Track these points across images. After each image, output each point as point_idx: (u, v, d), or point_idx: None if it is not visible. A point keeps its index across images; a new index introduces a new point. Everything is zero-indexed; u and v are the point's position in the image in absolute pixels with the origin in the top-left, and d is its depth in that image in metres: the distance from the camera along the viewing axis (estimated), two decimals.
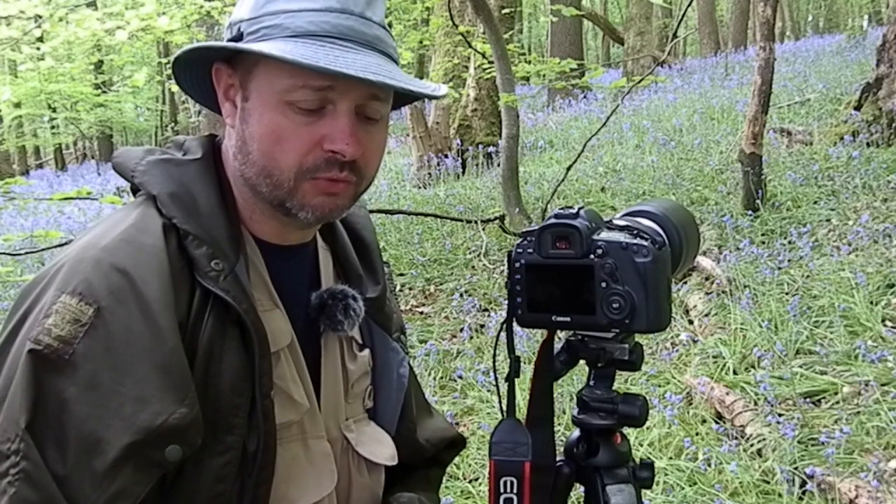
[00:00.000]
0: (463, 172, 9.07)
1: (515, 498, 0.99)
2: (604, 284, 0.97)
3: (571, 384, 3.42)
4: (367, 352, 1.14)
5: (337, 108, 0.94)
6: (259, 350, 0.93)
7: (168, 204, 0.95)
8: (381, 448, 1.12)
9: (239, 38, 0.95)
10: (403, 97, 1.05)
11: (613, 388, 1.07)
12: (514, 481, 1.00)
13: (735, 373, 3.51)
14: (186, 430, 0.86)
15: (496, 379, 1.13)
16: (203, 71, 1.01)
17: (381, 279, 1.15)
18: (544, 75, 10.35)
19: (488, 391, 3.74)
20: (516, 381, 1.06)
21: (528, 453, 1.00)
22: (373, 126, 0.98)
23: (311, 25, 0.92)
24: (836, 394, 3.19)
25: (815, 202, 5.29)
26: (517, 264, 1.03)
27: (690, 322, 4.19)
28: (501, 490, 1.00)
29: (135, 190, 1.01)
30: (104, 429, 0.84)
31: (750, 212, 5.19)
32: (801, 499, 2.68)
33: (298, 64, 0.88)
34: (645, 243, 0.97)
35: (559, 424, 3.32)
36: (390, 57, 0.97)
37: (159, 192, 0.96)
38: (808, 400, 3.19)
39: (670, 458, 3.01)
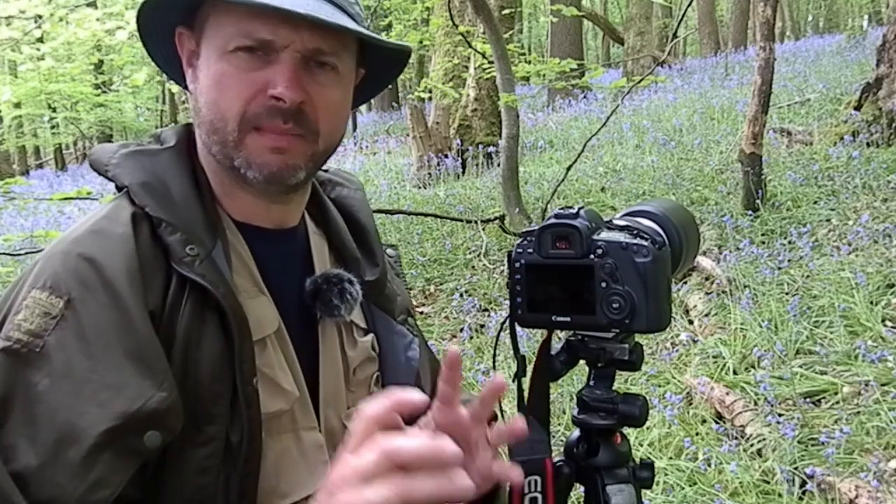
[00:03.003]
0: (463, 172, 9.08)
1: (540, 497, 0.97)
2: (604, 284, 0.97)
3: (571, 384, 3.42)
4: (370, 337, 1.11)
5: (280, 56, 0.93)
6: (239, 335, 0.91)
7: (139, 193, 0.95)
8: None
9: None
10: (383, 74, 1.07)
11: (613, 388, 1.07)
12: (538, 479, 0.97)
13: (735, 373, 3.51)
14: (165, 415, 0.84)
15: None
16: (171, 41, 1.01)
17: (379, 261, 1.12)
18: (544, 75, 10.35)
19: None
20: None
21: (547, 450, 0.99)
22: (325, 78, 0.96)
23: None
24: (836, 394, 3.19)
25: (815, 202, 5.29)
26: (517, 264, 1.02)
27: (690, 322, 4.19)
28: (526, 490, 0.97)
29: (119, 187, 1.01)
30: (79, 417, 0.82)
31: (750, 212, 5.19)
32: (801, 499, 2.68)
33: (240, 2, 0.89)
34: (645, 243, 0.97)
35: (559, 424, 3.32)
36: (344, 10, 0.97)
37: (130, 183, 0.96)
38: (808, 400, 3.19)
39: (670, 458, 3.01)
